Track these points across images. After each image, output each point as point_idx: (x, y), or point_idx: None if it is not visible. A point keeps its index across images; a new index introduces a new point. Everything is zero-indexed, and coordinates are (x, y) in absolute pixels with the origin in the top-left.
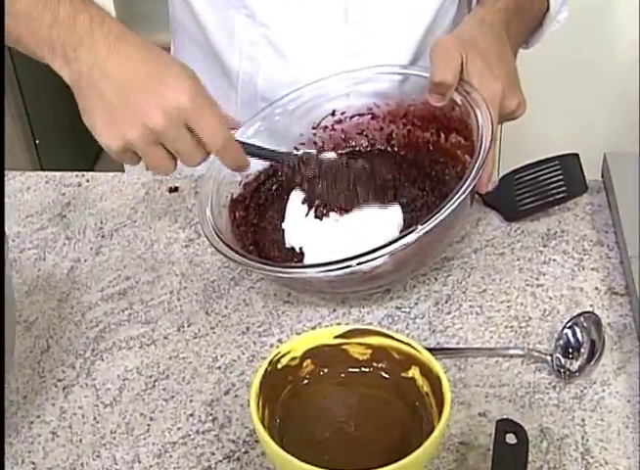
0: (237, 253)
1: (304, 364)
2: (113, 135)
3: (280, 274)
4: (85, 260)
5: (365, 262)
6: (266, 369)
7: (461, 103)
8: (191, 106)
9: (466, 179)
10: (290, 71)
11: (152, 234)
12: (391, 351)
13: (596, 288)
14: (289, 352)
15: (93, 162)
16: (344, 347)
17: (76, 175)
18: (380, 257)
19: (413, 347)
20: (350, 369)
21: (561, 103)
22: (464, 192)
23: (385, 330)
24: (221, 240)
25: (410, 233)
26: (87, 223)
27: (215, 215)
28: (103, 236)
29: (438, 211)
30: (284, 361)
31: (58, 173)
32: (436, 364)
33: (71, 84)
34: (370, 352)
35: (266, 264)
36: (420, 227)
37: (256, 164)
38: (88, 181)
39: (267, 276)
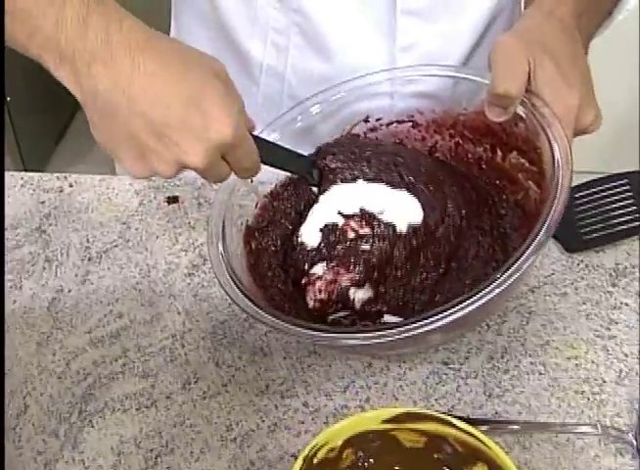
0: (262, 309)
1: (345, 455)
2: (140, 168)
3: (315, 341)
4: (69, 291)
5: (412, 330)
6: (300, 468)
7: (526, 117)
8: (232, 141)
9: (538, 232)
10: (326, 66)
11: (148, 257)
12: (452, 441)
13: None
14: (326, 444)
15: (68, 120)
16: (393, 432)
17: (57, 177)
18: (431, 324)
19: (478, 438)
20: (401, 460)
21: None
22: (537, 249)
23: (443, 416)
24: (239, 289)
25: (466, 301)
26: (71, 241)
27: (230, 252)
28: (90, 258)
29: (504, 272)
30: (320, 455)
31: (36, 175)
32: (509, 462)
33: (83, 103)
34: (424, 439)
35: (297, 326)
36: (475, 297)
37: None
38: (72, 186)
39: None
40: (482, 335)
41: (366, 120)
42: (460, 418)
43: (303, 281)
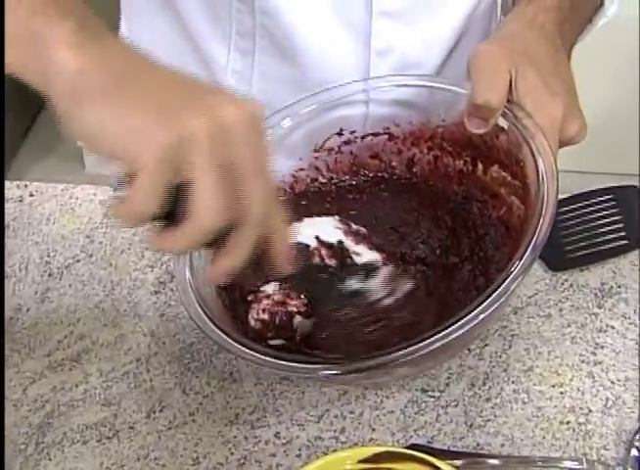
0: (233, 339)
1: None
2: (164, 124)
3: (290, 373)
4: (28, 310)
5: (387, 363)
6: None
7: (508, 129)
8: (241, 129)
9: (523, 254)
10: (295, 72)
11: (112, 274)
12: None
13: None
14: None
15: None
16: None
17: (17, 186)
18: (406, 357)
19: None
20: None
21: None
22: (521, 272)
23: (423, 456)
24: (209, 318)
25: (446, 330)
26: (30, 256)
27: (197, 277)
28: (50, 274)
29: (484, 301)
30: None
31: None
32: None
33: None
34: None
35: (271, 357)
36: (457, 326)
37: None
38: (32, 195)
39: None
40: (463, 360)
41: (340, 134)
42: (440, 451)
43: (250, 297)
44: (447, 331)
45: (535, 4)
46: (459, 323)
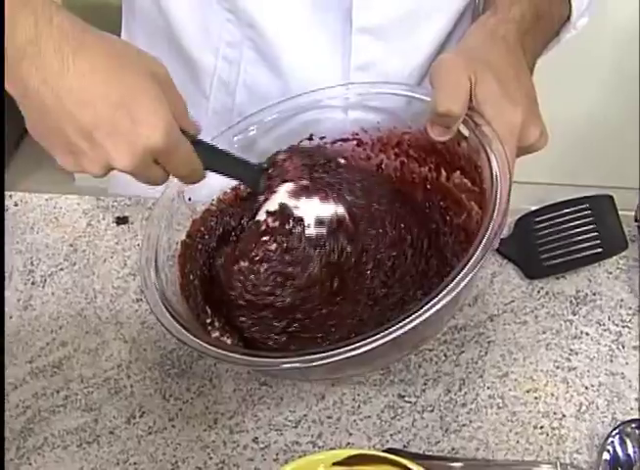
0: (196, 336)
1: None
2: (71, 164)
3: (252, 367)
4: (11, 317)
5: (355, 349)
6: None
7: (469, 137)
8: (163, 146)
9: (475, 250)
10: (278, 83)
11: (95, 282)
12: None
13: None
14: None
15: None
16: None
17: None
18: (366, 346)
19: None
20: None
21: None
22: (473, 268)
23: (397, 458)
24: (171, 315)
25: (406, 319)
26: (14, 264)
27: (162, 277)
28: (33, 283)
29: (441, 291)
30: None
31: None
32: None
33: (17, 99)
34: None
35: (234, 352)
36: (415, 315)
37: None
38: (17, 205)
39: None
40: (440, 366)
41: (310, 139)
42: (415, 455)
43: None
44: (394, 328)
45: (497, 17)
46: (407, 320)
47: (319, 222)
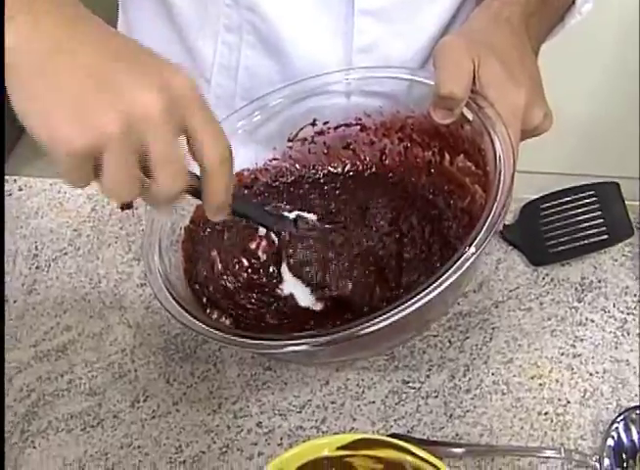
0: (199, 320)
1: None
2: (79, 126)
3: (257, 350)
4: (15, 301)
5: (360, 330)
6: None
7: (473, 119)
8: (192, 96)
9: (478, 232)
10: (279, 67)
11: (99, 266)
12: (409, 468)
13: None
14: None
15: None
16: (349, 459)
17: (6, 180)
18: (368, 327)
19: (436, 465)
20: None
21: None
22: (477, 250)
23: (400, 443)
24: (175, 300)
25: (408, 302)
26: (18, 248)
27: (166, 262)
28: (38, 267)
29: (444, 273)
30: None
31: None
32: None
33: (11, 66)
34: (381, 466)
35: (238, 336)
36: (418, 296)
37: None
38: (21, 190)
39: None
40: (444, 352)
41: (313, 124)
42: (419, 440)
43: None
44: (398, 309)
45: None
46: (411, 301)
47: (320, 219)
